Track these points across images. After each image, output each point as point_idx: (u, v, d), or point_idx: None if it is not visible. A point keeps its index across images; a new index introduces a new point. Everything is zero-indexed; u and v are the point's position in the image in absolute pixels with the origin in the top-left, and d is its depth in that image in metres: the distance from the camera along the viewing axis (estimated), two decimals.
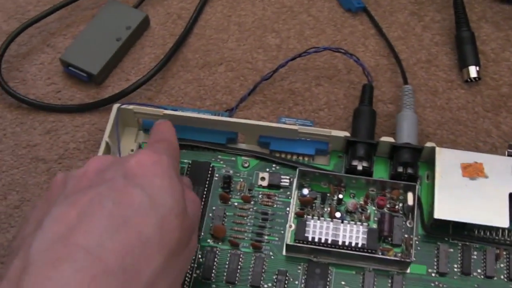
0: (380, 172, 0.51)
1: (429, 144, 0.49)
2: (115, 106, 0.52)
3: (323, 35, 0.60)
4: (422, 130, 0.54)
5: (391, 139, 0.50)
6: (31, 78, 0.58)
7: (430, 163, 0.50)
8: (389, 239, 0.48)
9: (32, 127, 0.56)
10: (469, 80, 0.56)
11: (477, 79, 0.56)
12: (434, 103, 0.56)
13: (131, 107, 0.52)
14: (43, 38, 0.61)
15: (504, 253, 0.48)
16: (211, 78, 0.58)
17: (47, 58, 0.59)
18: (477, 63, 0.56)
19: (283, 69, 0.56)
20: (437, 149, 0.49)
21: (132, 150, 0.52)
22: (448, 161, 0.49)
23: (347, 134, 0.50)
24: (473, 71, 0.56)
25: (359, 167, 0.50)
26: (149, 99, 0.56)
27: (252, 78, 0.57)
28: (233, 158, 0.52)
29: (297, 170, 0.49)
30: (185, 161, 0.52)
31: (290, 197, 0.50)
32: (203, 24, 0.61)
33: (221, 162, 0.52)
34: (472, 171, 0.48)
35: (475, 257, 0.48)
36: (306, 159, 0.52)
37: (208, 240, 0.49)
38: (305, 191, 0.49)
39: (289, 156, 0.52)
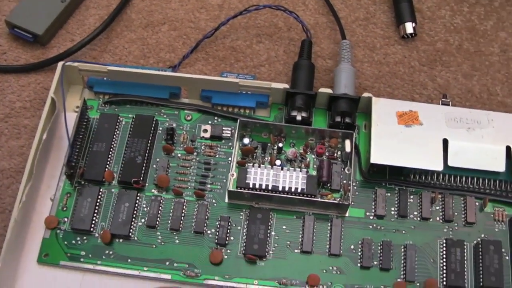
0: (319, 123, 0.53)
1: (365, 95, 0.51)
2: (60, 64, 0.52)
3: None
4: (360, 84, 0.56)
5: (329, 90, 0.51)
6: None
7: (368, 114, 0.52)
8: (328, 184, 0.49)
9: None
10: (405, 36, 0.58)
11: (413, 35, 0.58)
12: (371, 58, 0.57)
13: (75, 64, 0.52)
14: None
15: (439, 196, 0.50)
16: (154, 37, 0.59)
17: None
18: (413, 20, 0.58)
19: (225, 27, 0.57)
20: (374, 98, 0.51)
21: (77, 107, 0.53)
22: (384, 110, 0.50)
23: (287, 86, 0.52)
24: (409, 27, 0.58)
25: (298, 117, 0.51)
26: (94, 58, 0.57)
27: (195, 36, 0.58)
28: (176, 112, 0.53)
29: (238, 120, 0.51)
30: (130, 115, 0.53)
31: (232, 148, 0.51)
32: None
33: (165, 116, 0.53)
34: (407, 119, 0.50)
35: (411, 200, 0.50)
36: (247, 111, 0.53)
37: (153, 190, 0.50)
38: (246, 140, 0.51)
39: (230, 109, 0.53)
